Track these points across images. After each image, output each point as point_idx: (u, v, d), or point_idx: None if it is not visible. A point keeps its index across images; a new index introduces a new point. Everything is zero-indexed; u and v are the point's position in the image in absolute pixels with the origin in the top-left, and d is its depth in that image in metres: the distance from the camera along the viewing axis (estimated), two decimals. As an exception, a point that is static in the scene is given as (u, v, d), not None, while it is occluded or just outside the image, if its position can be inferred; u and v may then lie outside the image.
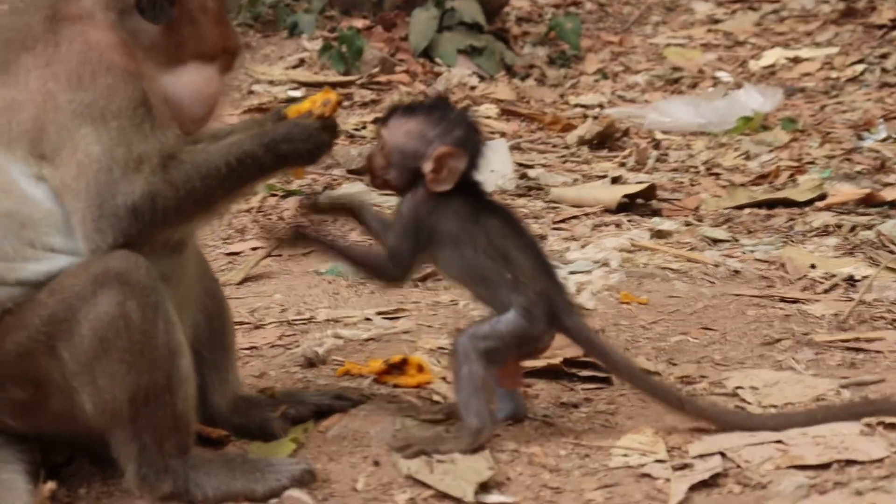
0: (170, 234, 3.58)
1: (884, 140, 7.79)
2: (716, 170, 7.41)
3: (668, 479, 3.64)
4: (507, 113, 8.42)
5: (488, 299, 3.88)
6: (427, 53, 9.18)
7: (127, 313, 3.42)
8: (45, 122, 3.46)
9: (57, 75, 3.49)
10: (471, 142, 3.86)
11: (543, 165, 7.43)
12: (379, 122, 3.94)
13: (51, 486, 3.59)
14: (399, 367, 4.37)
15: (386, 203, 5.40)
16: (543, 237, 6.05)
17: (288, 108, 3.84)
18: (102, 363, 3.43)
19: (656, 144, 7.91)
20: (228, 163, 3.55)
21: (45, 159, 3.46)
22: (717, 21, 10.29)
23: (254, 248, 5.91)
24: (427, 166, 3.81)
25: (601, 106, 8.64)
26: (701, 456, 3.76)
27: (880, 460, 3.61)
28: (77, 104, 3.46)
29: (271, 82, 8.50)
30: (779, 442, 3.77)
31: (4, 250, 3.45)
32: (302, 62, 8.97)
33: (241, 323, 4.89)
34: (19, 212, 3.46)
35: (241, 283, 5.52)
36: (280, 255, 5.82)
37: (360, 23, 9.41)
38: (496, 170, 6.99)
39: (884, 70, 9.22)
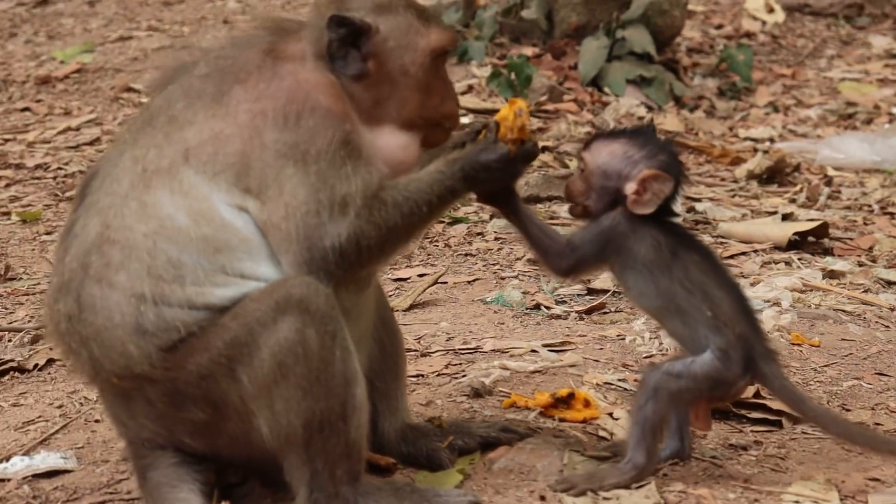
0: (373, 270, 3.67)
1: None
2: (891, 209, 7.24)
3: (841, 531, 3.57)
4: (675, 144, 8.36)
5: (684, 337, 3.81)
6: (596, 82, 9.16)
7: (306, 340, 3.48)
8: (250, 157, 3.56)
9: (265, 112, 3.58)
10: (675, 169, 3.82)
11: (711, 199, 7.34)
12: (581, 148, 3.93)
13: (224, 505, 3.68)
14: (565, 401, 4.35)
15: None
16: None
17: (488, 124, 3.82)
18: (280, 388, 3.50)
19: (828, 181, 7.75)
20: (430, 202, 3.62)
21: (249, 193, 3.55)
22: (895, 56, 10.06)
23: (421, 275, 5.96)
24: (630, 187, 3.79)
25: (772, 140, 8.51)
26: (878, 507, 3.67)
27: None
28: (281, 144, 3.55)
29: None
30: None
31: (196, 274, 3.54)
32: (471, 88, 9.02)
33: (408, 350, 4.92)
34: (216, 237, 3.54)
35: (409, 309, 5.56)
36: (446, 283, 5.86)
37: (529, 51, 9.43)
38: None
39: None
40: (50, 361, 5.02)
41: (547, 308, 5.52)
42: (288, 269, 3.54)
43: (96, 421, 4.45)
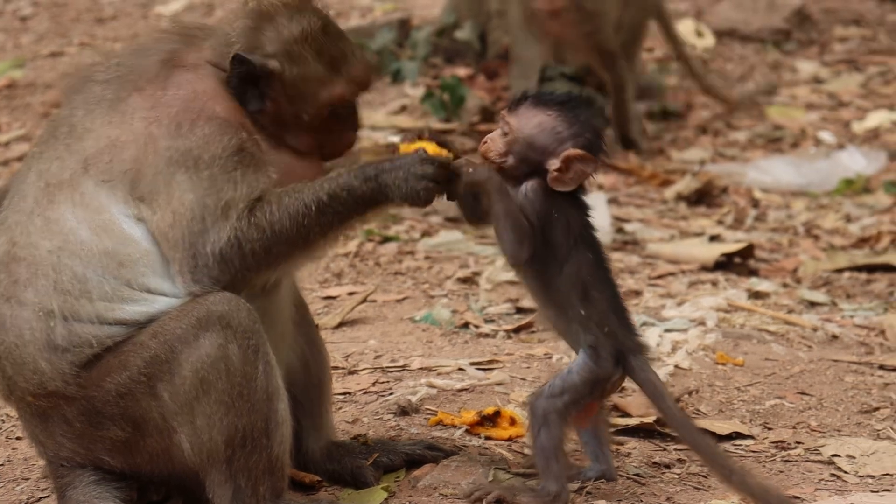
0: (268, 276, 3.60)
1: None
2: (815, 231, 7.33)
3: (759, 546, 3.61)
4: (605, 166, 8.39)
5: (560, 329, 3.87)
6: (528, 103, 9.20)
7: (228, 356, 3.48)
8: (143, 164, 3.55)
9: (160, 119, 3.58)
10: (599, 149, 3.82)
11: (640, 220, 7.40)
12: (507, 107, 3.86)
13: (145, 523, 3.66)
14: (492, 419, 4.37)
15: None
16: (639, 293, 6.03)
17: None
18: (202, 404, 3.49)
19: (755, 203, 7.84)
20: (319, 199, 3.56)
21: (143, 201, 3.55)
22: (821, 81, 10.18)
23: (350, 293, 5.96)
24: (553, 164, 3.77)
25: (702, 162, 8.59)
26: (793, 524, 3.72)
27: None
28: (174, 151, 3.54)
29: (373, 127, 8.58)
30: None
31: (103, 289, 3.53)
32: (404, 108, 9.02)
33: (336, 368, 4.92)
34: (119, 251, 3.54)
35: (337, 327, 5.55)
36: (375, 301, 5.86)
37: (462, 71, 9.46)
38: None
39: None
40: (-28, 378, 4.96)
41: (476, 327, 5.53)
42: (177, 280, 3.52)
43: (17, 438, 4.40)
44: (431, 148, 3.71)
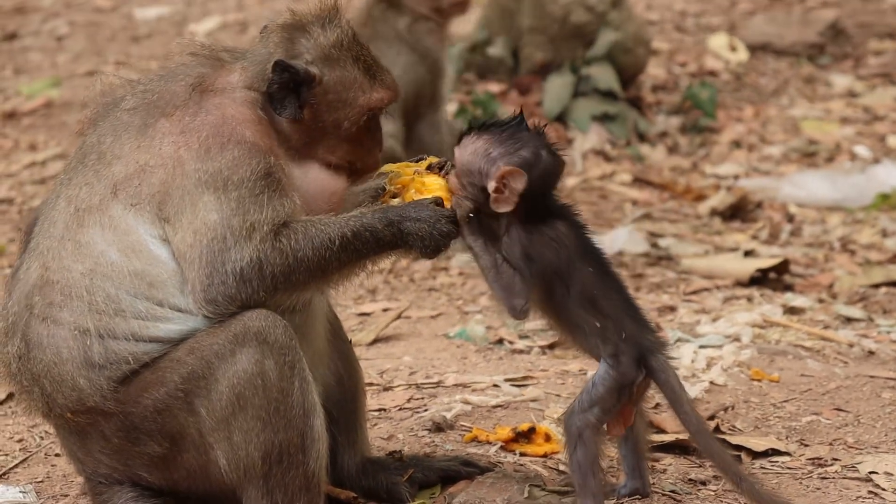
0: (281, 301, 3.62)
1: None
2: (851, 246, 7.29)
3: (797, 564, 3.59)
4: (639, 181, 8.40)
5: (581, 345, 3.88)
6: (561, 118, 9.19)
7: (265, 371, 3.50)
8: (171, 186, 3.59)
9: (189, 143, 3.62)
10: (537, 163, 3.79)
11: (675, 235, 7.38)
12: (455, 142, 3.90)
13: (182, 539, 3.68)
14: (526, 435, 4.37)
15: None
16: (673, 308, 6.01)
17: (411, 176, 3.86)
18: (239, 420, 3.51)
19: (790, 218, 7.81)
20: (344, 235, 3.60)
21: (168, 222, 3.58)
22: (855, 95, 10.13)
23: (384, 310, 5.97)
24: (491, 186, 3.77)
25: (736, 177, 8.56)
26: (832, 541, 3.70)
27: None
28: (202, 172, 3.58)
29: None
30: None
31: (136, 308, 3.57)
32: (437, 125, 9.05)
33: (371, 384, 4.94)
34: (148, 272, 3.58)
35: (372, 343, 5.57)
36: (409, 317, 5.87)
37: (495, 87, 9.47)
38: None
39: None
40: (10, 396, 5.00)
41: (510, 343, 5.53)
42: (190, 299, 3.55)
43: (56, 455, 4.43)
44: (444, 192, 3.76)
